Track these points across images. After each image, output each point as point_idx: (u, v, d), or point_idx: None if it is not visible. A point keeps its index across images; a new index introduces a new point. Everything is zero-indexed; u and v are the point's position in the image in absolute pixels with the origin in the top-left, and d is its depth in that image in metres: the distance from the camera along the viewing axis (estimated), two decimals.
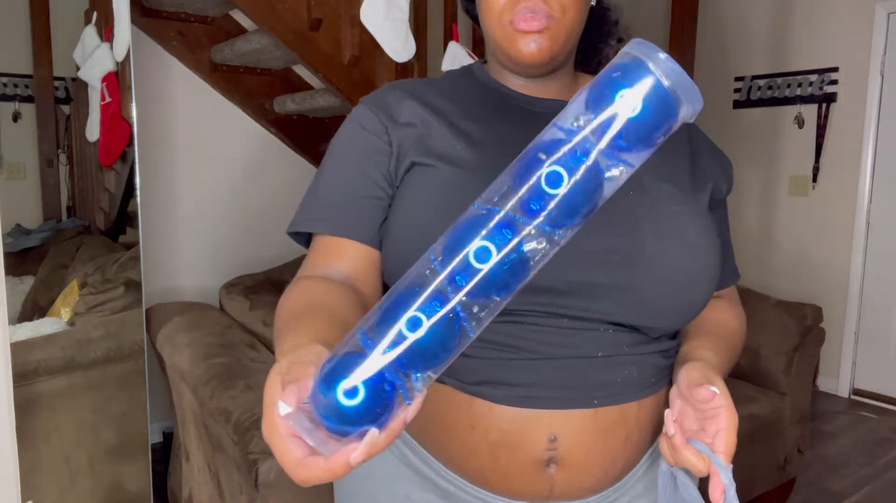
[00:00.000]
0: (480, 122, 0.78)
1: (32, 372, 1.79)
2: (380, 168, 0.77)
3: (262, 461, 1.44)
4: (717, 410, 0.65)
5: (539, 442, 0.70)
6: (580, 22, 0.77)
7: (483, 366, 0.71)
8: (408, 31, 2.32)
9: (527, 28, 0.74)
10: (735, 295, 0.94)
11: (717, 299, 0.88)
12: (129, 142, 1.96)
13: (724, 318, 0.85)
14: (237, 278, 2.23)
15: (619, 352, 0.72)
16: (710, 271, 0.75)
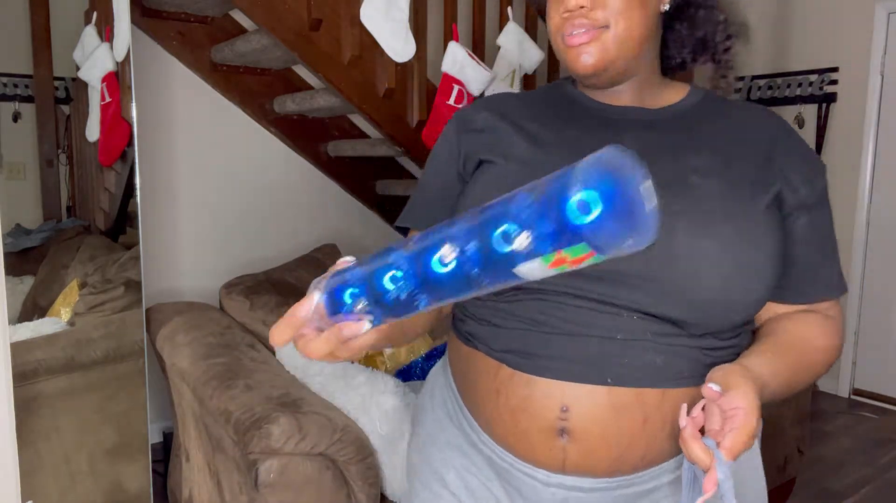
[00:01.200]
0: (548, 125, 0.85)
1: (32, 372, 1.79)
2: (452, 169, 0.90)
3: (262, 461, 1.44)
4: (735, 411, 0.66)
5: (552, 410, 0.75)
6: (641, 29, 0.78)
7: (508, 336, 0.78)
8: (408, 31, 2.32)
9: (575, 42, 0.78)
10: (834, 310, 0.86)
11: (809, 313, 0.84)
12: (129, 142, 1.96)
13: (801, 331, 0.82)
14: (237, 278, 2.23)
15: (642, 338, 0.75)
16: (749, 271, 0.74)
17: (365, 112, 2.40)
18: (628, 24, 0.77)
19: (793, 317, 0.83)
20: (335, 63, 2.28)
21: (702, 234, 0.73)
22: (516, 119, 0.86)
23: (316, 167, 3.01)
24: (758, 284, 0.76)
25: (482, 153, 0.85)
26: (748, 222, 0.75)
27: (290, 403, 1.52)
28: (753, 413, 0.67)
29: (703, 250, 0.73)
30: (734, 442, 0.65)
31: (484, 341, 0.81)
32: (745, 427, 0.66)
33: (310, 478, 1.47)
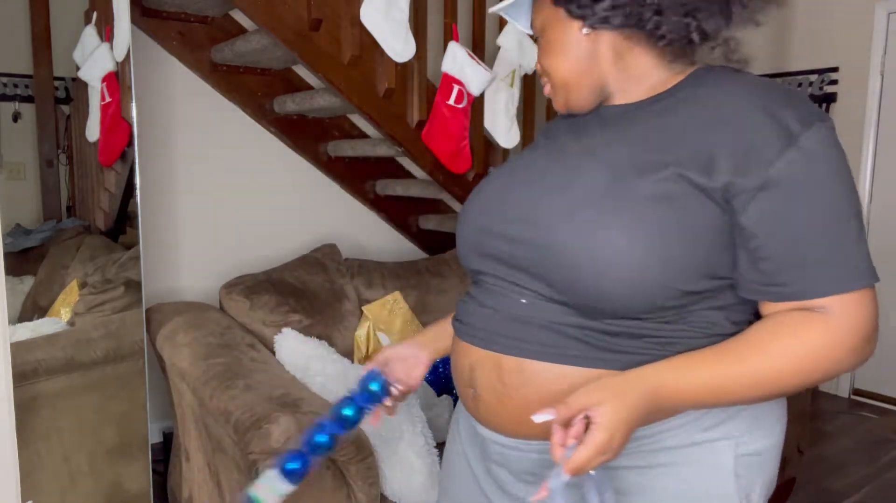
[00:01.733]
0: (552, 136, 0.97)
1: (32, 372, 1.79)
2: None
3: (262, 461, 1.44)
4: (592, 426, 0.73)
5: (466, 369, 0.93)
6: (568, 70, 0.88)
7: (459, 307, 0.98)
8: (408, 31, 2.32)
9: (547, 93, 0.95)
10: (841, 307, 0.76)
11: (798, 312, 0.77)
12: (129, 142, 1.96)
13: (761, 335, 0.77)
14: (237, 278, 2.23)
15: (537, 316, 0.84)
16: (616, 259, 0.76)
17: (365, 112, 2.40)
18: (556, 72, 0.90)
19: (770, 318, 0.78)
20: (335, 63, 2.28)
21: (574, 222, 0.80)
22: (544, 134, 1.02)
23: (316, 167, 3.01)
24: (628, 272, 0.76)
25: None
26: (619, 210, 0.77)
27: (290, 403, 1.52)
28: (604, 430, 0.72)
29: (568, 240, 0.79)
30: (576, 456, 0.71)
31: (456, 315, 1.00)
32: (590, 442, 0.71)
33: (310, 477, 1.47)
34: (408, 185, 2.96)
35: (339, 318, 2.29)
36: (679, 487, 0.83)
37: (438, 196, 2.86)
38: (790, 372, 0.76)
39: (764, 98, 0.77)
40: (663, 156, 0.79)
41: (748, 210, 0.75)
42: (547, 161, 0.91)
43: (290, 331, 2.03)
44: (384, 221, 3.25)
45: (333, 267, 2.43)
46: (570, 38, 0.87)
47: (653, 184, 0.77)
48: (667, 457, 0.83)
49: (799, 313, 0.76)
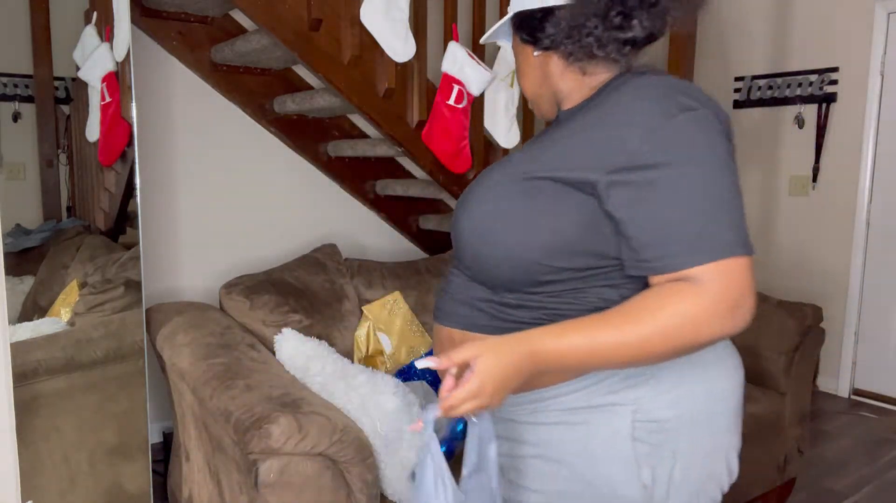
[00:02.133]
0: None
1: (32, 372, 1.79)
2: None
3: (262, 461, 1.44)
4: (469, 374, 0.86)
5: (436, 342, 1.11)
6: (529, 89, 1.10)
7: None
8: (408, 31, 2.32)
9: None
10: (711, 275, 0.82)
11: (673, 282, 0.84)
12: (129, 142, 1.96)
13: (629, 303, 0.86)
14: (237, 278, 2.23)
15: (464, 294, 1.03)
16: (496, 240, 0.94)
17: (365, 112, 2.40)
18: (525, 89, 1.11)
19: (649, 289, 0.86)
20: (335, 63, 2.28)
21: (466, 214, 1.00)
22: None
23: (316, 167, 3.01)
24: (505, 251, 0.94)
25: None
26: (499, 201, 0.95)
27: (290, 403, 1.52)
28: (476, 377, 0.85)
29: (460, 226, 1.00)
30: (454, 396, 0.86)
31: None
32: (462, 386, 0.86)
33: (310, 478, 1.47)
34: (408, 185, 2.96)
35: (339, 318, 2.29)
36: (576, 445, 0.94)
37: (438, 196, 2.86)
38: (660, 336, 0.83)
39: (642, 97, 0.88)
40: (543, 157, 0.94)
41: (611, 196, 0.86)
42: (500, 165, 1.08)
43: (290, 331, 2.03)
44: (384, 221, 3.25)
45: (333, 267, 2.43)
46: (528, 60, 1.08)
47: (527, 181, 0.93)
48: (568, 417, 0.94)
49: (673, 283, 0.83)
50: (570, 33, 0.95)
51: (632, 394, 0.92)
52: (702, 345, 0.84)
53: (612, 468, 0.92)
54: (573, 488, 0.94)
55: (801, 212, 3.75)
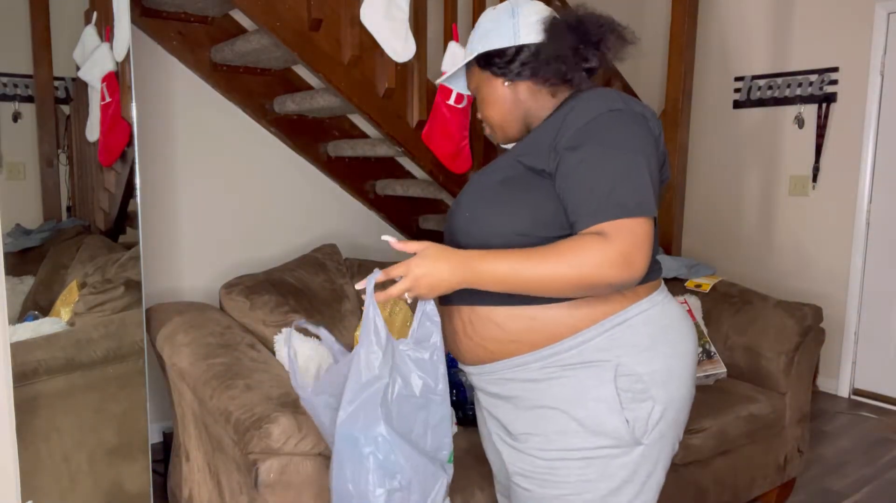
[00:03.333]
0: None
1: (32, 372, 1.79)
2: None
3: (262, 461, 1.44)
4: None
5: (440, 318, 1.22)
6: (497, 116, 1.28)
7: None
8: (408, 31, 2.32)
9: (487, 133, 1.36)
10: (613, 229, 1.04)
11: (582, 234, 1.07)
12: (129, 142, 1.96)
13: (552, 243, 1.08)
14: (237, 278, 2.23)
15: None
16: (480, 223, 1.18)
17: (365, 112, 2.40)
18: (490, 119, 1.30)
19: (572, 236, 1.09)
20: (335, 63, 2.28)
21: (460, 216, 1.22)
22: None
23: (316, 167, 3.01)
24: (488, 230, 1.16)
25: None
26: (486, 193, 1.19)
27: (290, 403, 1.52)
28: (416, 259, 1.09)
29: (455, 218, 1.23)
30: (392, 268, 1.10)
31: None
32: (396, 266, 1.09)
33: (310, 478, 1.47)
34: (408, 185, 2.96)
35: (339, 318, 2.29)
36: (564, 391, 1.14)
37: (438, 196, 2.86)
38: (568, 273, 1.04)
39: (584, 102, 1.13)
40: (515, 153, 1.19)
41: (554, 175, 1.11)
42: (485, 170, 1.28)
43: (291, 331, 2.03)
44: (384, 221, 3.25)
45: (333, 267, 2.43)
46: (497, 91, 1.26)
47: (502, 172, 1.18)
48: (560, 373, 1.14)
49: (588, 234, 1.05)
50: (549, 63, 1.19)
51: (614, 352, 1.13)
52: (602, 287, 1.05)
53: (599, 407, 1.12)
54: (568, 426, 1.14)
55: (801, 212, 3.75)
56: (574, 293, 1.08)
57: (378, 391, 1.11)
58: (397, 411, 1.14)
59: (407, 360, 1.15)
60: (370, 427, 1.11)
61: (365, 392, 1.10)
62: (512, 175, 1.16)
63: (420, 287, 1.09)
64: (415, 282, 1.08)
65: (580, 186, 1.07)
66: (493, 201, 1.17)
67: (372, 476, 1.11)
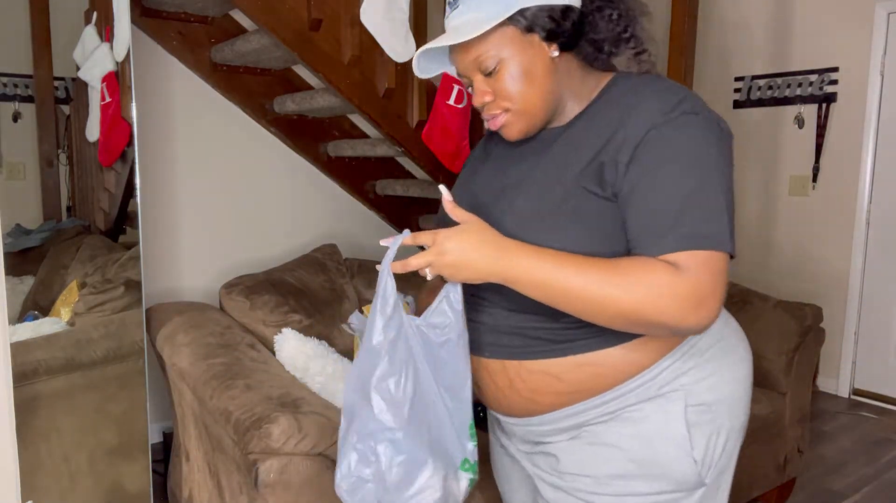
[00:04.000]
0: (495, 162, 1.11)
1: (32, 372, 1.79)
2: None
3: (262, 461, 1.44)
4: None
5: (474, 370, 1.05)
6: (537, 96, 0.96)
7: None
8: (408, 31, 2.32)
9: (494, 126, 1.01)
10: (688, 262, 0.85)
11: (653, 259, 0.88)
12: (129, 142, 1.96)
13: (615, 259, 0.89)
14: (237, 278, 2.23)
15: (505, 324, 1.01)
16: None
17: (365, 112, 2.40)
18: (522, 102, 0.97)
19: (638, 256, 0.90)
20: (335, 63, 2.28)
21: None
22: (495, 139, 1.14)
23: (316, 167, 3.01)
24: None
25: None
26: (552, 225, 0.93)
27: (290, 403, 1.52)
28: (453, 230, 0.90)
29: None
30: (423, 233, 0.92)
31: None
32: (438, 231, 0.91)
33: (310, 478, 1.47)
34: (408, 185, 2.96)
35: (339, 318, 2.29)
36: (626, 428, 0.99)
37: (439, 196, 2.86)
38: (618, 297, 0.85)
39: (652, 99, 0.92)
40: (569, 173, 0.94)
41: (621, 191, 0.90)
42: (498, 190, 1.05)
43: (290, 331, 2.03)
44: (384, 221, 3.25)
45: (333, 267, 2.43)
46: (541, 62, 0.96)
47: (567, 202, 0.93)
48: (626, 412, 0.99)
49: (659, 260, 0.86)
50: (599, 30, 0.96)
51: (680, 382, 0.98)
52: (655, 326, 0.86)
53: (667, 448, 0.97)
54: (626, 469, 0.98)
55: (801, 212, 3.75)
56: (614, 324, 0.88)
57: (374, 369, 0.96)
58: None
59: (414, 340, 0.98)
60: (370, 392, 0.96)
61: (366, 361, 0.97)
62: (580, 203, 0.93)
63: (444, 264, 0.90)
64: (440, 256, 0.90)
65: (643, 207, 0.88)
66: (554, 229, 0.93)
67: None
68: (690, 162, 0.87)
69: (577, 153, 0.95)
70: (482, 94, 0.98)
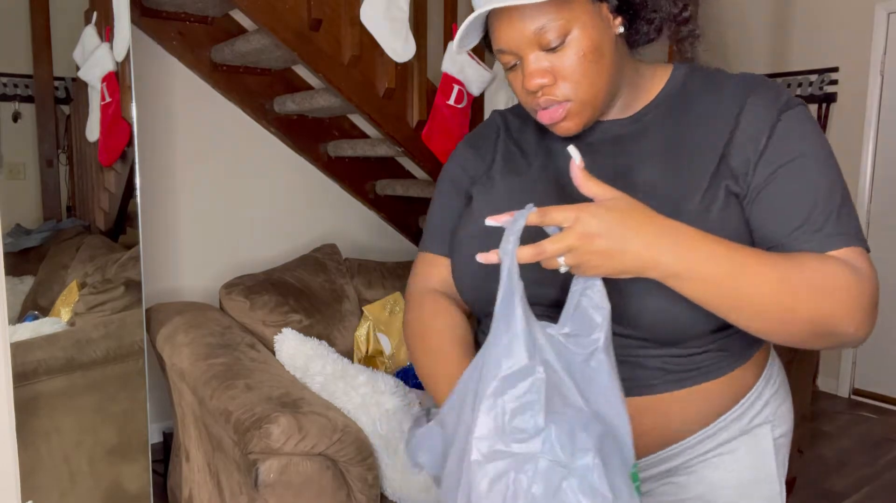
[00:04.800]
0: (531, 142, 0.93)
1: (32, 372, 1.79)
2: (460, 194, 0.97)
3: (262, 461, 1.44)
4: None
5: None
6: (603, 80, 0.79)
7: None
8: (408, 31, 2.32)
9: (547, 120, 0.81)
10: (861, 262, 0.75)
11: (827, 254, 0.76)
12: (129, 142, 1.96)
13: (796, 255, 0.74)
14: (237, 278, 2.23)
15: (618, 355, 0.76)
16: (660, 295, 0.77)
17: (365, 112, 2.40)
18: (589, 87, 0.78)
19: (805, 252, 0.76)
20: (335, 63, 2.28)
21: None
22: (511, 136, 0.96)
23: (316, 167, 3.01)
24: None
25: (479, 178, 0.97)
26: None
27: (290, 403, 1.52)
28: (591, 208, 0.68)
29: (647, 281, 0.72)
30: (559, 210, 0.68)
31: None
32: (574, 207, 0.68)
33: (310, 478, 1.47)
34: (408, 185, 2.96)
35: (339, 318, 2.29)
36: (723, 475, 0.86)
37: None
38: (805, 293, 0.70)
39: (748, 92, 0.81)
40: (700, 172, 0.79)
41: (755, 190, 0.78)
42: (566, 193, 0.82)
43: (290, 331, 2.03)
44: (384, 221, 3.25)
45: (333, 267, 2.43)
46: (608, 40, 0.79)
47: (708, 207, 0.77)
48: (714, 456, 0.87)
49: (837, 260, 0.74)
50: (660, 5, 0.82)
51: (768, 412, 0.88)
52: (837, 336, 0.72)
53: (760, 490, 0.88)
54: None
55: None
56: (791, 334, 0.72)
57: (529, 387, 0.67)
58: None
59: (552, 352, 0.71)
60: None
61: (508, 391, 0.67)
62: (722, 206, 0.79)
63: (588, 251, 0.67)
64: (583, 241, 0.66)
65: (791, 203, 0.76)
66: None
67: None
68: (824, 154, 0.78)
69: (692, 153, 0.80)
70: (539, 75, 0.77)
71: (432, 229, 0.99)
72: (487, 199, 0.91)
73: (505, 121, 0.98)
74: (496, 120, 0.99)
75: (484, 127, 1.00)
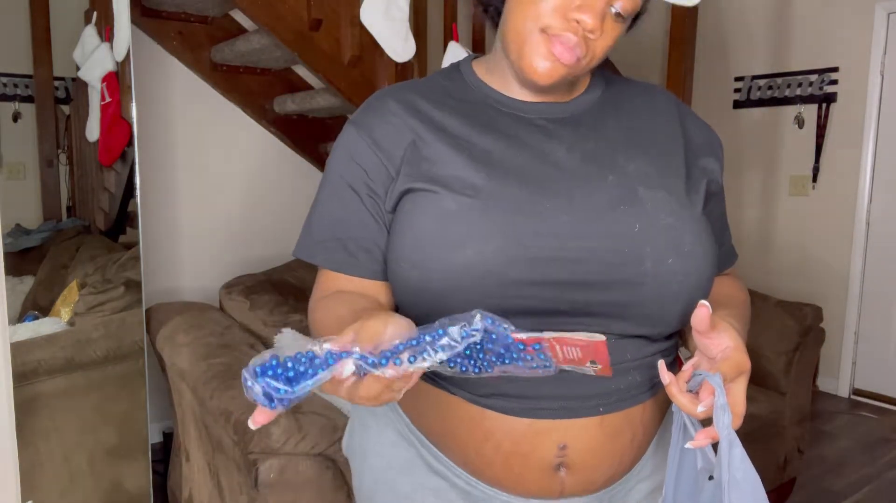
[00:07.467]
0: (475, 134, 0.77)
1: (32, 372, 1.79)
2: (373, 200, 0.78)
3: (262, 461, 1.44)
4: (726, 349, 0.68)
5: (550, 450, 0.74)
6: (602, 59, 0.77)
7: (493, 380, 0.70)
8: (408, 31, 2.32)
9: (563, 58, 0.73)
10: (736, 271, 0.96)
11: (722, 277, 0.91)
12: (129, 142, 1.96)
13: (732, 293, 0.88)
14: (237, 278, 2.23)
15: (623, 360, 0.74)
16: (706, 276, 0.76)
17: None
18: (595, 63, 0.76)
19: (716, 282, 0.85)
20: (335, 63, 2.28)
21: (666, 252, 0.73)
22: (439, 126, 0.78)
23: (316, 167, 3.01)
24: (710, 283, 0.78)
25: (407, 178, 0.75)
26: (698, 228, 0.76)
27: None
28: (742, 349, 0.68)
29: (667, 270, 0.72)
30: (728, 370, 0.67)
31: (465, 387, 0.75)
32: (737, 359, 0.68)
33: (310, 478, 1.47)
34: None
35: None
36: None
37: None
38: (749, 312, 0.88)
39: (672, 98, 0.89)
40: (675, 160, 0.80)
41: (714, 203, 0.85)
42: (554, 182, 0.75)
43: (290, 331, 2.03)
44: None
45: None
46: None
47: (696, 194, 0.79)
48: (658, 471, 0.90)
49: (728, 277, 0.92)
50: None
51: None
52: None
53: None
54: None
55: (801, 212, 3.75)
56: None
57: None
58: None
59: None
60: None
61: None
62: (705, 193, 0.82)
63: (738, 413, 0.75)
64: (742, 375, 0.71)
65: (724, 224, 0.92)
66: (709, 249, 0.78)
67: None
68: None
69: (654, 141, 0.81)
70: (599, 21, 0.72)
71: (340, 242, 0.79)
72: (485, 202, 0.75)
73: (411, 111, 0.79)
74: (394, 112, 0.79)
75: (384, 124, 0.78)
